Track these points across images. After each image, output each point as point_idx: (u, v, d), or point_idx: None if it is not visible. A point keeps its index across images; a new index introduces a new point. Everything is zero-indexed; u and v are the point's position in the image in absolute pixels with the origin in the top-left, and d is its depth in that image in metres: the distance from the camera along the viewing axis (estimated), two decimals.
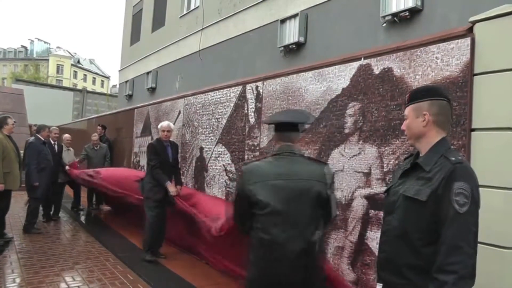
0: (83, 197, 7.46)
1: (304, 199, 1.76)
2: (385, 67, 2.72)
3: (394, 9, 5.78)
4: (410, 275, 1.39)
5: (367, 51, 2.94)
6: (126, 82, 15.93)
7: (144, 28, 15.20)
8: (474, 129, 2.19)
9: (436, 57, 2.42)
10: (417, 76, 2.51)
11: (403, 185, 1.49)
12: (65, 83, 45.15)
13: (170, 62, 12.70)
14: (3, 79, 45.88)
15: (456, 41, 2.31)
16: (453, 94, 2.30)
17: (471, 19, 2.26)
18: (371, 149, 2.76)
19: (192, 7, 11.95)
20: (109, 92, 37.99)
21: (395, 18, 5.81)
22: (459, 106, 2.26)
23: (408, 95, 1.57)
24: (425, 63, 2.47)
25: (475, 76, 2.22)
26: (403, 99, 2.43)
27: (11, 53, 53.56)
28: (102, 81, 59.28)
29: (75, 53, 58.70)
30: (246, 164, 1.92)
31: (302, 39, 7.58)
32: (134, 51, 15.80)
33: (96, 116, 10.96)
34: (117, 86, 21.35)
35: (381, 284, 1.53)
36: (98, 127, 8.01)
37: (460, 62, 2.28)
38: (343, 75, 3.03)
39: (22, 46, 54.45)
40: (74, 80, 50.55)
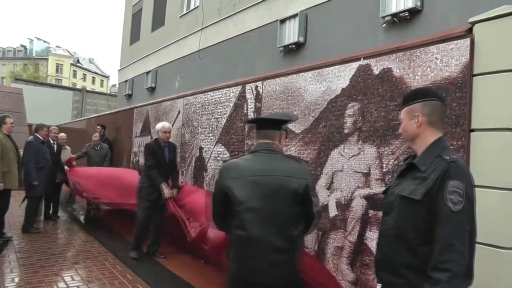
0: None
1: (281, 196, 1.76)
2: (385, 67, 2.72)
3: (393, 10, 5.79)
4: (408, 275, 1.39)
5: (367, 52, 2.94)
6: (126, 81, 15.93)
7: (143, 28, 15.19)
8: (473, 130, 2.20)
9: (435, 58, 2.42)
10: (416, 77, 2.52)
11: (399, 185, 1.51)
12: (65, 83, 45.10)
13: (169, 62, 12.70)
14: (2, 78, 45.81)
15: (456, 41, 2.31)
16: (452, 94, 2.30)
17: (471, 19, 2.27)
18: (371, 150, 2.76)
19: (192, 6, 11.96)
20: (108, 92, 37.94)
21: (394, 19, 5.82)
22: (458, 107, 2.26)
23: (402, 99, 1.59)
24: (424, 64, 2.48)
25: (474, 77, 2.22)
26: None
27: (11, 52, 53.49)
28: (102, 80, 59.24)
29: (75, 53, 58.68)
30: (225, 161, 1.94)
31: (301, 39, 7.59)
32: (133, 51, 15.79)
33: (95, 115, 10.94)
34: (117, 85, 21.34)
35: (381, 284, 1.53)
36: (98, 127, 8.01)
37: (460, 63, 2.28)
38: (343, 75, 3.03)
39: (22, 45, 54.38)
40: (73, 79, 50.50)
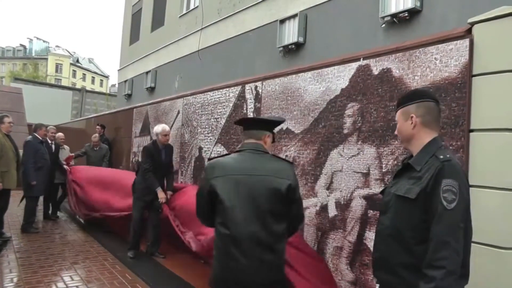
0: None
1: (263, 195, 1.77)
2: (384, 67, 2.72)
3: (393, 10, 5.79)
4: (404, 274, 1.41)
5: (366, 52, 2.95)
6: (125, 81, 15.91)
7: (143, 28, 15.18)
8: (472, 130, 2.20)
9: (435, 58, 2.42)
10: (416, 77, 2.52)
11: (395, 185, 1.53)
12: (64, 82, 45.08)
13: (169, 62, 12.70)
14: (1, 78, 45.76)
15: (455, 42, 2.32)
16: (451, 95, 2.31)
17: (470, 20, 2.27)
18: (370, 150, 2.76)
19: (192, 6, 11.95)
20: (108, 92, 37.94)
21: (394, 19, 5.82)
22: (457, 107, 2.27)
23: (397, 101, 1.62)
24: (424, 64, 2.48)
25: (473, 77, 2.22)
26: None
27: (10, 52, 53.43)
28: (101, 80, 59.20)
29: (74, 52, 58.64)
30: (210, 160, 1.96)
31: (301, 40, 7.59)
32: (133, 51, 15.78)
33: (95, 115, 10.93)
34: (116, 85, 21.34)
35: (379, 284, 1.54)
36: (97, 127, 8.01)
37: (459, 63, 2.28)
38: (342, 76, 3.03)
39: (21, 45, 54.34)
40: (73, 79, 50.47)
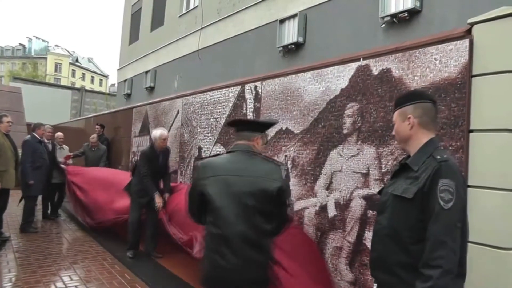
0: None
1: (253, 196, 1.79)
2: (384, 68, 2.72)
3: (393, 10, 5.80)
4: (401, 273, 1.41)
5: (366, 52, 2.95)
6: (125, 81, 15.91)
7: (143, 27, 15.17)
8: (472, 130, 2.20)
9: (434, 58, 2.42)
10: (415, 77, 2.52)
11: (393, 185, 1.54)
12: (63, 82, 45.05)
13: (169, 62, 12.69)
14: (0, 77, 45.65)
15: (455, 42, 2.32)
16: (451, 95, 2.31)
17: (470, 20, 2.27)
18: (370, 150, 2.76)
19: (191, 6, 11.95)
20: (107, 91, 37.94)
21: (394, 19, 5.82)
22: (457, 107, 2.27)
23: (394, 102, 1.63)
24: (423, 64, 2.48)
25: (473, 78, 2.22)
26: None
27: (9, 51, 53.34)
28: (101, 80, 59.15)
29: (74, 52, 58.59)
30: (202, 159, 1.98)
31: (301, 40, 7.59)
32: (133, 50, 15.77)
33: (94, 115, 10.92)
34: (116, 85, 21.32)
35: (376, 284, 1.55)
36: (97, 126, 8.00)
37: (459, 64, 2.28)
38: (342, 76, 3.03)
39: (20, 44, 54.27)
40: (72, 78, 50.42)
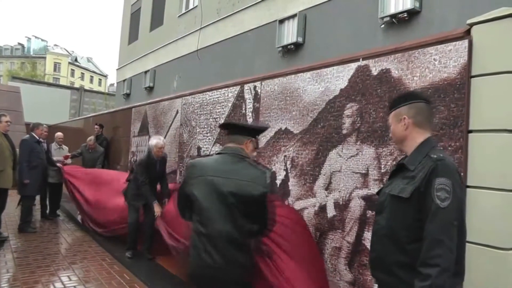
0: None
1: (238, 197, 1.84)
2: (383, 68, 2.72)
3: (392, 11, 5.80)
4: (400, 273, 1.42)
5: (366, 52, 2.95)
6: (124, 81, 15.89)
7: (142, 27, 15.17)
8: (471, 131, 2.20)
9: (434, 59, 2.42)
10: (415, 78, 2.52)
11: (390, 185, 1.54)
12: (62, 81, 44.98)
13: (168, 61, 12.69)
14: None
15: (454, 43, 2.32)
16: (450, 95, 2.31)
17: (469, 21, 2.27)
18: (369, 150, 2.76)
19: (191, 6, 11.95)
20: (106, 91, 37.87)
21: (393, 20, 5.83)
22: (456, 108, 2.27)
23: (389, 104, 1.66)
24: (423, 65, 2.48)
25: (472, 78, 2.22)
26: None
27: (8, 51, 53.24)
28: (100, 79, 59.10)
29: (73, 51, 58.51)
30: (192, 159, 2.04)
31: (300, 40, 7.59)
32: (132, 50, 15.76)
33: (93, 114, 10.90)
34: (115, 85, 21.30)
35: (377, 284, 1.55)
36: (96, 126, 7.99)
37: (458, 64, 2.29)
38: (341, 76, 3.03)
39: (19, 44, 54.19)
40: (71, 78, 50.40)
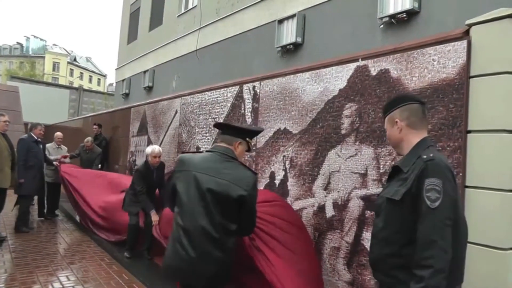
0: None
1: (217, 196, 1.87)
2: (382, 68, 2.72)
3: (391, 11, 5.81)
4: (399, 275, 1.43)
5: (364, 53, 2.95)
6: (123, 80, 15.88)
7: (141, 27, 15.15)
8: (470, 131, 2.20)
9: (432, 59, 2.42)
10: (413, 78, 2.52)
11: (387, 188, 1.56)
12: (61, 81, 44.90)
13: (167, 61, 12.68)
14: None
15: (453, 43, 2.32)
16: (449, 96, 2.31)
17: (468, 22, 2.27)
18: (368, 150, 2.76)
19: (190, 6, 11.95)
20: (105, 91, 37.82)
21: (392, 20, 5.83)
22: (455, 108, 2.27)
23: (382, 109, 1.67)
24: (421, 65, 2.48)
25: (471, 79, 2.23)
26: None
27: (6, 50, 53.15)
28: (99, 79, 59.02)
29: (72, 51, 58.44)
30: (182, 153, 2.07)
31: (299, 40, 7.59)
32: (131, 50, 15.75)
33: (92, 114, 10.88)
34: (114, 84, 21.27)
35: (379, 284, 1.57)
36: (94, 126, 7.97)
37: (457, 65, 2.29)
38: (340, 76, 3.03)
39: (18, 43, 54.10)
40: (70, 78, 50.32)
